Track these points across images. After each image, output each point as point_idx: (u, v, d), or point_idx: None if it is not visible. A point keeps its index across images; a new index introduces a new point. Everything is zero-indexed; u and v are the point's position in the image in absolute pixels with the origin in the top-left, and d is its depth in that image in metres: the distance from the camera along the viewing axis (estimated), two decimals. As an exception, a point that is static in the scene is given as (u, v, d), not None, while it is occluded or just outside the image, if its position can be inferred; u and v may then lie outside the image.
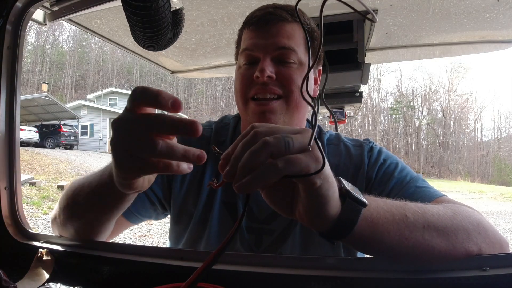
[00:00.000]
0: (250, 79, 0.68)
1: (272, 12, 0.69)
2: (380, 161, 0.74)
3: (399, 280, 0.47)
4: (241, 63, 0.72)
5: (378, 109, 45.96)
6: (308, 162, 0.38)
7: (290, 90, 0.68)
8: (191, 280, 0.38)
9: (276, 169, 0.37)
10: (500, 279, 0.45)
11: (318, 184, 0.40)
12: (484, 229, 0.51)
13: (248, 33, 0.71)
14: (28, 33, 35.88)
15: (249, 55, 0.70)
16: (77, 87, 43.84)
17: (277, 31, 0.68)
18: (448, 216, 0.50)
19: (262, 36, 0.68)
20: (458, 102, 44.57)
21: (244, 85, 0.70)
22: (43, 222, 5.89)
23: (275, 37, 0.67)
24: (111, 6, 0.93)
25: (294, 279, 0.49)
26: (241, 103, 0.72)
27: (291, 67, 0.68)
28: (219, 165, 0.42)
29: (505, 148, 40.32)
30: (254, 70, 0.67)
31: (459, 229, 0.49)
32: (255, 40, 0.69)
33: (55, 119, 20.26)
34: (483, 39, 1.38)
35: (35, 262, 0.61)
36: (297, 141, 0.39)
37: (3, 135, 0.76)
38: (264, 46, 0.68)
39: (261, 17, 0.69)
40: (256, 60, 0.69)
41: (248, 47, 0.70)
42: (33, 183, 8.18)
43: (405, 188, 0.67)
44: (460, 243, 0.48)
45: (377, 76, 45.22)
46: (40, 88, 25.54)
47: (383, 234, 0.45)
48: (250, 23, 0.71)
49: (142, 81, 47.66)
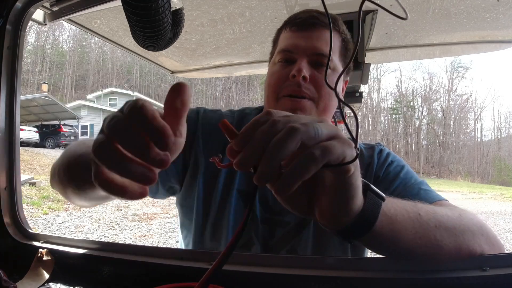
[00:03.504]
0: (285, 76, 0.69)
1: (316, 16, 0.71)
2: (388, 161, 0.76)
3: (399, 280, 0.47)
4: (277, 60, 0.73)
5: (378, 109, 45.96)
6: (343, 148, 0.35)
7: (321, 94, 0.69)
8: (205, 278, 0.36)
9: (314, 159, 0.34)
10: (500, 279, 0.45)
11: (351, 171, 0.37)
12: (486, 231, 0.52)
13: (290, 32, 0.73)
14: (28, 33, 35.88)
15: (287, 54, 0.71)
16: (77, 87, 43.85)
17: (318, 36, 0.70)
18: (456, 217, 0.50)
19: (303, 38, 0.70)
20: (458, 102, 44.59)
21: (278, 82, 0.70)
22: (43, 222, 5.89)
23: (316, 41, 0.69)
24: (111, 6, 0.93)
25: (294, 279, 0.49)
26: (272, 99, 0.71)
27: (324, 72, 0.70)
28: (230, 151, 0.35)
29: (505, 148, 40.33)
30: (290, 68, 0.69)
31: (466, 230, 0.49)
32: (296, 40, 0.71)
33: (55, 119, 20.27)
34: (483, 39, 1.38)
35: (35, 262, 0.61)
36: (325, 128, 0.36)
37: (3, 135, 0.76)
38: (304, 48, 0.69)
39: (305, 20, 0.71)
40: (293, 60, 0.70)
41: (287, 46, 0.71)
42: (33, 183, 8.18)
43: (409, 188, 0.69)
44: (466, 243, 0.48)
45: (377, 76, 45.23)
46: (40, 88, 25.54)
47: (400, 232, 0.44)
48: (293, 24, 0.72)
49: (142, 81, 47.66)
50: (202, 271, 0.47)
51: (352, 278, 0.48)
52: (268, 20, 1.22)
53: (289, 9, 1.16)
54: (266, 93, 0.75)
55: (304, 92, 0.68)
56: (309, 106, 0.69)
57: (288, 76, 0.68)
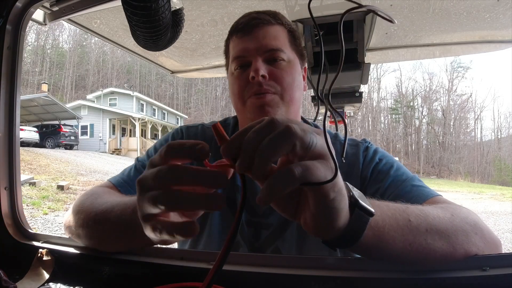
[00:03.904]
0: (246, 81, 0.71)
1: (256, 17, 0.74)
2: (376, 160, 0.74)
3: (399, 280, 0.47)
4: (234, 68, 0.75)
5: (378, 109, 45.94)
6: (326, 173, 0.35)
7: (284, 87, 0.71)
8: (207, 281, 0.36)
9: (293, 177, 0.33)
10: (500, 279, 0.45)
11: (331, 197, 0.37)
12: (481, 229, 0.52)
13: (237, 40, 0.75)
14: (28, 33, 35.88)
15: (241, 59, 0.73)
16: (77, 87, 43.85)
17: (264, 34, 0.72)
18: (448, 218, 0.50)
19: (251, 40, 0.72)
20: (458, 102, 44.59)
21: (241, 87, 0.73)
22: (43, 222, 5.89)
23: (263, 39, 0.72)
24: (111, 6, 0.93)
25: (294, 279, 0.49)
26: (240, 104, 0.74)
27: (281, 65, 0.72)
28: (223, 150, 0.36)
29: (505, 148, 40.31)
30: (247, 72, 0.71)
31: (459, 230, 0.49)
32: (244, 44, 0.73)
33: (55, 119, 20.25)
34: (483, 39, 1.38)
35: (35, 262, 0.61)
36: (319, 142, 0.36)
37: (3, 135, 0.77)
38: (254, 49, 0.71)
39: (247, 23, 0.73)
40: (248, 64, 0.72)
41: (239, 52, 0.73)
42: (33, 183, 8.18)
43: (401, 186, 0.67)
44: (460, 244, 0.48)
45: (377, 76, 45.22)
46: (40, 88, 25.52)
47: (388, 242, 0.45)
48: (237, 30, 0.75)
49: (142, 81, 47.66)
50: (202, 271, 0.47)
51: (352, 278, 0.48)
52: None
53: (289, 9, 1.16)
54: (233, 103, 0.77)
55: (266, 89, 0.70)
56: (275, 100, 0.71)
57: (248, 79, 0.70)
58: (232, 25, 0.77)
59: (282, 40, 0.73)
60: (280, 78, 0.71)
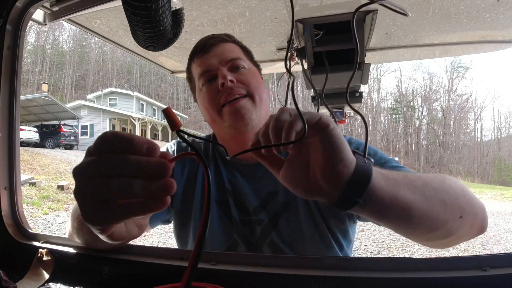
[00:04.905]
0: (216, 91, 0.77)
1: (212, 37, 0.84)
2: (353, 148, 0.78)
3: (399, 280, 0.47)
4: (201, 85, 0.81)
5: (378, 109, 45.94)
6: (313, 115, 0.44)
7: (252, 89, 0.78)
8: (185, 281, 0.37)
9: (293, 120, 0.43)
10: (500, 279, 0.45)
11: (331, 126, 0.43)
12: (468, 194, 0.55)
13: (198, 60, 0.82)
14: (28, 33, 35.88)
15: (207, 74, 0.80)
16: (77, 87, 43.85)
17: (222, 49, 0.81)
18: (439, 180, 0.53)
19: (212, 56, 0.80)
20: (458, 102, 44.61)
21: (212, 98, 0.77)
22: (43, 222, 5.89)
23: (223, 53, 0.80)
24: (111, 6, 0.93)
25: (294, 279, 0.49)
26: (215, 114, 0.78)
27: (244, 71, 0.80)
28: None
29: (505, 148, 40.31)
30: (216, 83, 0.77)
31: (450, 191, 0.52)
32: (207, 61, 0.80)
33: (55, 119, 20.24)
34: (483, 39, 1.38)
35: (35, 262, 0.61)
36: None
37: (3, 135, 0.77)
38: (217, 62, 0.79)
39: (205, 43, 0.82)
40: (214, 76, 0.79)
41: (204, 68, 0.80)
42: (33, 183, 8.18)
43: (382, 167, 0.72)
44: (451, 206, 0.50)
45: (377, 76, 45.23)
46: (40, 88, 25.52)
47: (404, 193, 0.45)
48: (198, 51, 0.82)
49: (142, 81, 47.66)
50: (203, 271, 0.47)
51: (352, 278, 0.48)
52: (268, 20, 1.22)
53: (289, 9, 1.16)
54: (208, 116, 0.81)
55: (237, 92, 0.75)
56: (248, 103, 0.76)
57: (217, 89, 0.76)
58: (190, 51, 0.85)
59: (238, 52, 0.83)
60: (247, 81, 0.78)
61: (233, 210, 0.78)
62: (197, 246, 0.36)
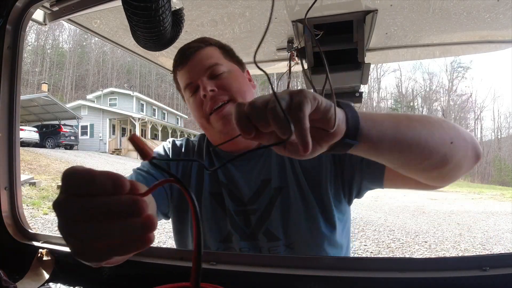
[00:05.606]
0: (200, 101, 0.79)
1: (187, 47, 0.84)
2: None
3: (398, 279, 0.47)
4: (188, 96, 0.84)
5: (378, 109, 45.93)
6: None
7: (234, 93, 0.79)
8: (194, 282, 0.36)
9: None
10: (500, 279, 0.45)
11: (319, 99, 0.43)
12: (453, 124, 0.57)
13: (180, 72, 0.84)
14: (28, 33, 35.89)
15: (190, 86, 0.82)
16: (77, 87, 43.86)
17: (199, 58, 0.81)
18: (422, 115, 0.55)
19: (191, 68, 0.81)
20: (458, 102, 44.61)
21: (199, 109, 0.81)
22: (43, 222, 5.89)
23: (200, 62, 0.81)
24: (111, 6, 0.94)
25: (294, 279, 0.50)
26: (204, 122, 0.82)
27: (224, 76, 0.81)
28: None
29: (505, 148, 40.32)
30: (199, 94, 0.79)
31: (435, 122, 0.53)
32: (187, 73, 0.82)
33: (55, 119, 20.24)
34: (483, 39, 1.38)
35: (35, 262, 0.61)
36: None
37: (3, 135, 0.77)
38: (197, 73, 0.80)
39: (183, 54, 0.83)
40: (197, 86, 0.81)
41: (186, 81, 0.82)
42: (33, 183, 8.18)
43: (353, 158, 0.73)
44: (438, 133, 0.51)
45: (377, 76, 45.24)
46: (40, 88, 25.52)
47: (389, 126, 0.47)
48: (178, 64, 0.84)
49: (142, 81, 47.66)
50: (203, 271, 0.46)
51: (352, 278, 0.48)
52: (268, 20, 1.22)
53: (289, 9, 1.16)
54: (199, 124, 0.85)
55: (220, 99, 0.77)
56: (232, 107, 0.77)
57: (202, 100, 0.79)
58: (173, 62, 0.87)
59: (216, 56, 0.83)
60: (228, 86, 0.79)
61: (227, 201, 0.80)
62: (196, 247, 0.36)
